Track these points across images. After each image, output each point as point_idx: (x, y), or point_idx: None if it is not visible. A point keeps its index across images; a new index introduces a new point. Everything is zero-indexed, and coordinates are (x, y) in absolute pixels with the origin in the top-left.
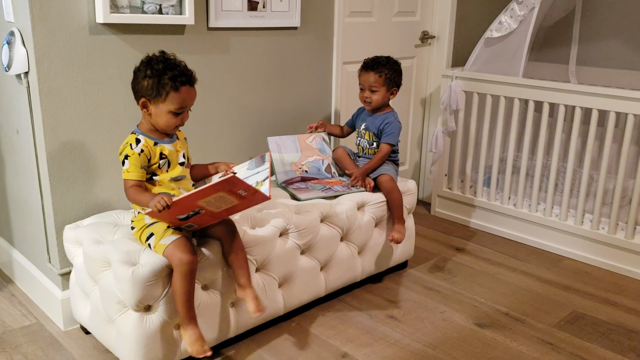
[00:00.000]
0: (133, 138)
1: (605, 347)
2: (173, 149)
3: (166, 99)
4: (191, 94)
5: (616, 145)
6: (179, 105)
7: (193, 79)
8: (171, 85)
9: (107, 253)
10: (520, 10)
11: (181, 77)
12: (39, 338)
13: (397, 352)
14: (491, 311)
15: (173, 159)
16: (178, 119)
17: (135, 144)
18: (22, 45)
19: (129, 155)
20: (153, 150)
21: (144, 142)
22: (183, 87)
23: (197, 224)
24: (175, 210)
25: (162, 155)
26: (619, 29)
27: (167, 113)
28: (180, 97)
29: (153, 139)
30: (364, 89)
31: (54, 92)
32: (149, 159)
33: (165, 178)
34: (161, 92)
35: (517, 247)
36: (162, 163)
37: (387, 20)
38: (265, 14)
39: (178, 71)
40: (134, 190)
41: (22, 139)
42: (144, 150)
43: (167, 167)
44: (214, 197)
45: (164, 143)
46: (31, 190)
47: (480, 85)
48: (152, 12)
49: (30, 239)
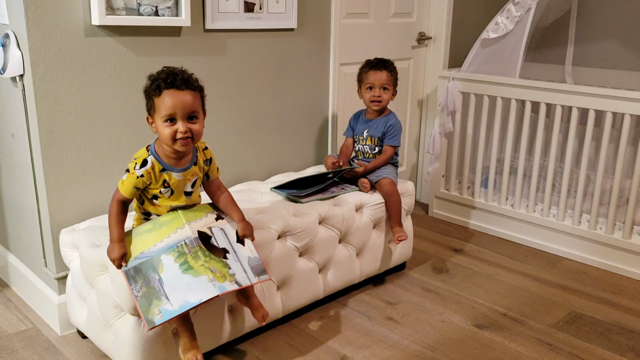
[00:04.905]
0: (142, 159)
1: (603, 347)
2: (181, 179)
3: (155, 109)
4: (178, 97)
5: (613, 145)
6: (165, 111)
7: (179, 82)
8: (154, 92)
9: (104, 257)
10: (516, 11)
11: (163, 81)
12: (36, 343)
13: (396, 354)
14: (489, 312)
15: (178, 189)
16: (173, 129)
17: (140, 166)
18: (17, 48)
19: (129, 172)
20: (157, 176)
21: (149, 166)
22: (166, 90)
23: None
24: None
25: (165, 184)
26: (614, 30)
27: (161, 124)
28: (163, 102)
29: (163, 163)
30: (374, 87)
31: (49, 95)
32: (148, 183)
33: (165, 205)
34: (150, 102)
35: (515, 247)
36: (164, 191)
37: (383, 22)
38: (262, 16)
39: (162, 77)
40: (118, 209)
41: (18, 143)
42: (144, 176)
43: (169, 194)
44: None
45: (174, 171)
46: (27, 194)
47: (477, 86)
48: (148, 14)
49: (26, 243)
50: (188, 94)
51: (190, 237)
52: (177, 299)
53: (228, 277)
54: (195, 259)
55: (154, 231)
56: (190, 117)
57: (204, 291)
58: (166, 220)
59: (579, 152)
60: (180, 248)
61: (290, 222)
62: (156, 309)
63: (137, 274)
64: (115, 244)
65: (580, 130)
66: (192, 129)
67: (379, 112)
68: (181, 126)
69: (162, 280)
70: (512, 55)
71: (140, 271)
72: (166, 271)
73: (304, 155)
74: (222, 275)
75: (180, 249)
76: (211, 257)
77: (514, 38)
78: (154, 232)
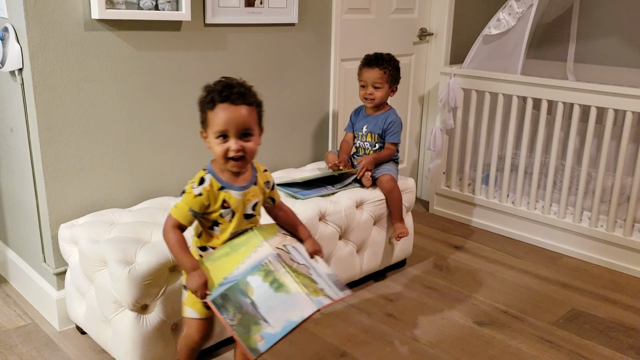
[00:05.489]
0: (199, 177)
1: (604, 345)
2: (241, 198)
3: (208, 123)
4: (232, 112)
5: (614, 142)
6: (218, 126)
7: (235, 97)
8: (208, 105)
9: (103, 252)
10: (518, 7)
11: (218, 94)
12: (34, 338)
13: (396, 351)
14: (490, 309)
15: (239, 211)
16: (225, 147)
17: (198, 184)
18: (16, 42)
19: (186, 192)
20: (215, 195)
21: (208, 184)
22: (219, 105)
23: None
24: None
25: (225, 204)
26: (616, 26)
27: (213, 140)
28: (217, 117)
29: (221, 181)
30: (366, 85)
31: (48, 89)
32: (207, 205)
33: (226, 231)
34: (204, 116)
35: (516, 245)
36: (224, 213)
37: (385, 17)
38: (263, 10)
39: (217, 90)
40: (176, 237)
41: (17, 137)
42: (202, 194)
43: (230, 217)
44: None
45: (233, 190)
46: (26, 189)
47: (479, 82)
48: (148, 8)
49: (25, 238)
50: (244, 109)
51: (273, 254)
52: (277, 319)
53: (319, 291)
54: (284, 275)
55: (232, 254)
56: (244, 134)
57: (302, 307)
58: (242, 241)
59: (580, 149)
60: (265, 266)
61: None
62: (257, 335)
63: (226, 302)
64: (193, 272)
65: (581, 128)
66: (245, 147)
67: (377, 107)
68: (233, 144)
69: (255, 303)
70: (514, 52)
71: (229, 298)
72: (257, 293)
73: (304, 151)
74: (314, 289)
75: (265, 267)
76: (297, 272)
77: (515, 34)
78: (233, 255)
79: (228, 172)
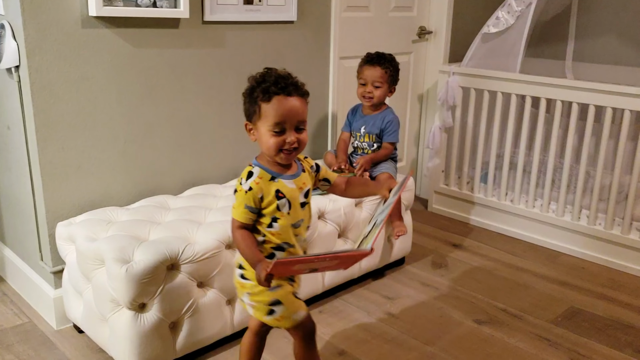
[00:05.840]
0: (247, 170)
1: (602, 343)
2: (295, 187)
3: (261, 115)
4: (290, 104)
5: (613, 141)
6: (275, 119)
7: (291, 88)
8: (261, 97)
9: (101, 250)
10: (517, 5)
11: (274, 85)
12: (31, 337)
13: (395, 349)
14: (488, 307)
15: (294, 200)
16: (280, 140)
17: (246, 178)
18: (12, 39)
19: (237, 191)
20: (267, 187)
21: (257, 176)
22: (275, 97)
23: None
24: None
25: (280, 194)
26: (615, 25)
27: (266, 133)
28: (273, 109)
29: (271, 172)
30: (366, 83)
31: (45, 87)
32: (260, 198)
33: (286, 224)
34: (255, 108)
35: (514, 243)
36: (281, 204)
37: (384, 15)
38: (261, 8)
39: (271, 81)
40: (240, 235)
41: (14, 135)
42: (252, 188)
43: (287, 208)
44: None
45: (284, 178)
46: (23, 187)
47: (478, 80)
48: (146, 6)
49: (22, 236)
50: (299, 100)
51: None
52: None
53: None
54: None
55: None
56: (298, 126)
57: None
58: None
59: (579, 147)
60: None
61: None
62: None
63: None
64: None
65: (580, 126)
66: (299, 139)
67: (374, 107)
68: (291, 136)
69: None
70: (513, 50)
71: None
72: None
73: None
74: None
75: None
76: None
77: (514, 33)
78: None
79: (276, 164)
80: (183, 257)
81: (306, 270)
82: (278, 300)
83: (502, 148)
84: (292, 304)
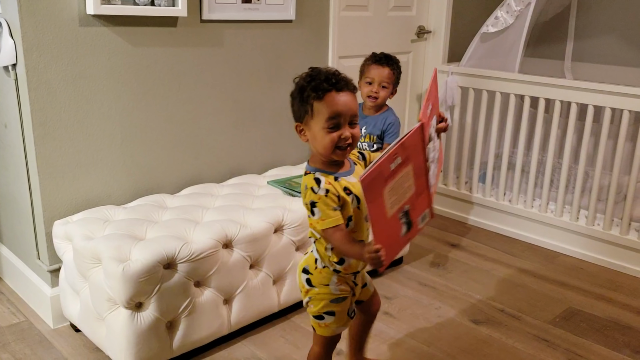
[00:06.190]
0: (310, 179)
1: (600, 343)
2: (356, 181)
3: (314, 114)
4: (342, 99)
5: (611, 141)
6: (328, 115)
7: (342, 84)
8: (313, 95)
9: (97, 249)
10: (516, 5)
11: (325, 82)
12: (28, 336)
13: (392, 349)
14: (486, 307)
15: (360, 193)
16: (335, 136)
17: (317, 185)
18: (9, 37)
19: (316, 202)
20: (336, 186)
21: (324, 180)
22: (328, 93)
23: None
24: (387, 233)
25: (347, 191)
26: (614, 25)
27: (320, 131)
28: (327, 106)
29: (331, 173)
30: (373, 83)
31: (43, 85)
32: (338, 197)
33: (360, 219)
34: (306, 107)
35: (513, 243)
36: (351, 200)
37: (383, 15)
38: (260, 7)
39: (320, 78)
40: (338, 240)
41: (11, 134)
42: (329, 189)
43: (357, 203)
44: (399, 178)
45: (344, 176)
46: (20, 185)
47: (476, 80)
48: (144, 4)
49: (19, 235)
50: (350, 96)
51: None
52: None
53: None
54: None
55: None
56: (351, 121)
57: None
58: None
59: (578, 147)
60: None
61: (287, 216)
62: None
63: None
64: (364, 253)
65: (579, 126)
66: (353, 135)
67: (376, 108)
68: (345, 132)
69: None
70: (512, 50)
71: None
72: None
73: (301, 149)
74: None
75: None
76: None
77: (513, 32)
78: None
79: (331, 164)
80: (180, 256)
81: (402, 220)
82: (333, 312)
83: (500, 148)
84: (341, 320)
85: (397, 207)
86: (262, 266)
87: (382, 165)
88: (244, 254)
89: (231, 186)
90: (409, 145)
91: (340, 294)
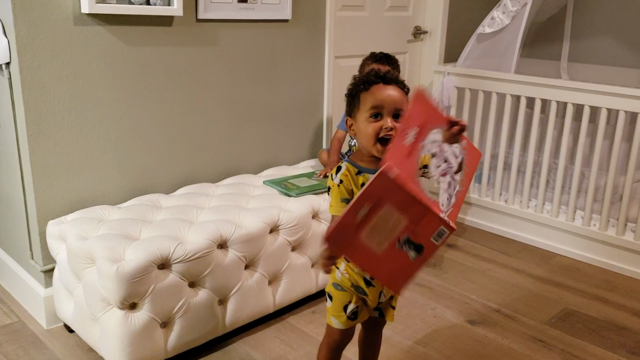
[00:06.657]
0: (336, 167)
1: (595, 344)
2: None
3: (360, 106)
4: (387, 91)
5: (607, 141)
6: (372, 104)
7: (390, 79)
8: (361, 87)
9: (91, 249)
10: (512, 6)
11: (374, 76)
12: (21, 337)
13: (388, 350)
14: (482, 308)
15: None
16: (377, 125)
17: (336, 172)
18: (3, 35)
19: (331, 188)
20: (355, 180)
21: (344, 169)
22: (374, 85)
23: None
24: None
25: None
26: (610, 26)
27: (364, 122)
28: (371, 95)
29: (357, 166)
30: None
31: (37, 84)
32: (351, 190)
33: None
34: (355, 101)
35: (508, 243)
36: None
37: (379, 15)
38: (256, 6)
39: (372, 74)
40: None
41: (4, 133)
42: (342, 180)
43: None
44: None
45: (370, 172)
46: (13, 185)
47: (472, 81)
48: (140, 3)
49: (13, 234)
50: (397, 89)
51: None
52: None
53: None
54: None
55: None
56: (395, 115)
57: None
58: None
59: (574, 148)
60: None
61: (282, 216)
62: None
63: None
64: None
65: (574, 127)
66: (396, 127)
67: None
68: (387, 122)
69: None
70: (508, 51)
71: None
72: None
73: (297, 149)
74: None
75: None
76: None
77: (509, 33)
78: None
79: (367, 160)
80: (174, 257)
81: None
82: (331, 296)
83: (496, 148)
84: (336, 310)
85: (387, 243)
86: (258, 267)
87: (345, 220)
88: (239, 254)
89: (226, 186)
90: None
91: (341, 282)
